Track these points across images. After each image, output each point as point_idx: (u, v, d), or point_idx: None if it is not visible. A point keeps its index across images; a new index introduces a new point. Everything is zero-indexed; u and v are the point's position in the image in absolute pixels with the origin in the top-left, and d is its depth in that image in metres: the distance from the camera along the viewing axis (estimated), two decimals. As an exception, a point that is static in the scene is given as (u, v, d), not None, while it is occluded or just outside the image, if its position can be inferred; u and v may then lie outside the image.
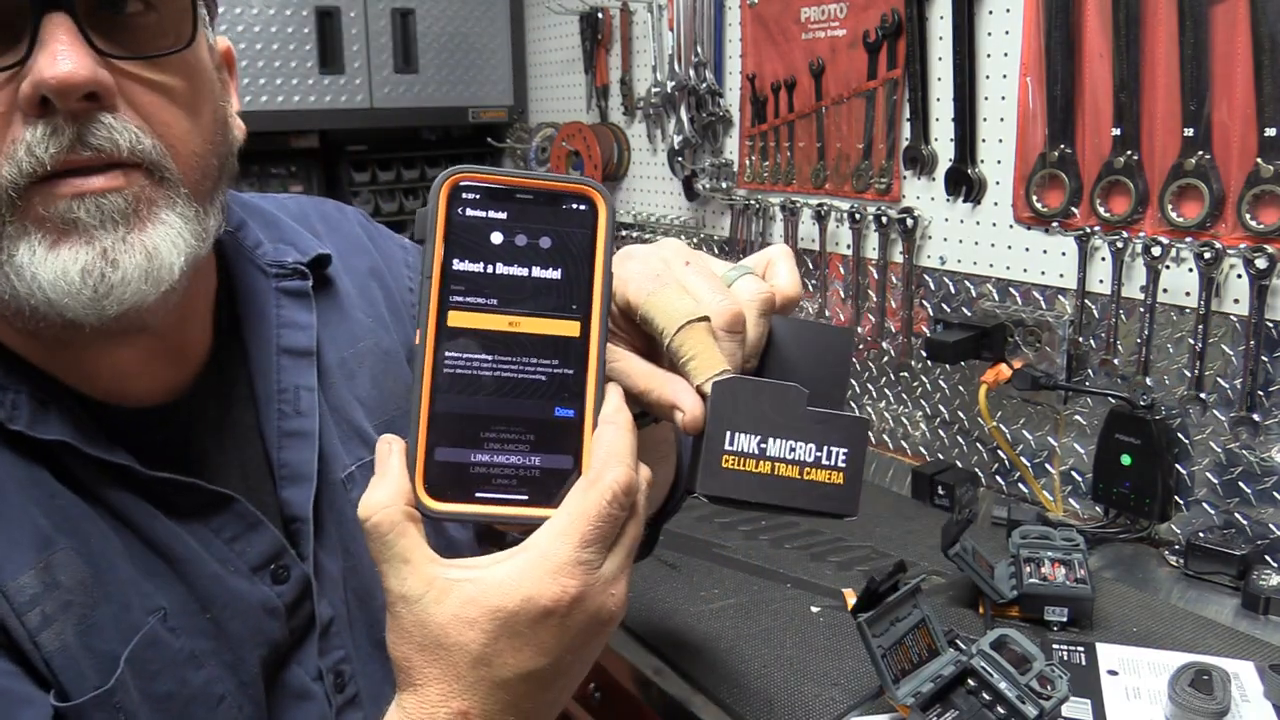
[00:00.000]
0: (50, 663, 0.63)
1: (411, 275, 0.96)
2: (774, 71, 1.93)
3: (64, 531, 0.65)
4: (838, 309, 1.90)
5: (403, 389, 0.90)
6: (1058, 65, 1.46)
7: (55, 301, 0.59)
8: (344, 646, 0.80)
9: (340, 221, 0.95)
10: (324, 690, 0.78)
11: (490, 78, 2.66)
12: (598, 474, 0.52)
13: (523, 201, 0.52)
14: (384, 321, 0.91)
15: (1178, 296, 1.39)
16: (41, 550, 0.64)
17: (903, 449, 1.81)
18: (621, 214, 2.43)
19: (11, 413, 0.64)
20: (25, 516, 0.64)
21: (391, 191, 2.65)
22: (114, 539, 0.67)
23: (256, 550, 0.74)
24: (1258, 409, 1.32)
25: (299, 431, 0.78)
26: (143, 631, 0.67)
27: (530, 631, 0.51)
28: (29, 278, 0.59)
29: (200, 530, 0.72)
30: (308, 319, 0.82)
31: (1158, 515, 1.40)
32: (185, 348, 0.76)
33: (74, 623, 0.64)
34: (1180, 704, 0.97)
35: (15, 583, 0.62)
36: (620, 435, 0.53)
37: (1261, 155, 1.26)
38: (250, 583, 0.74)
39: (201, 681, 0.70)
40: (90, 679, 0.64)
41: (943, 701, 0.95)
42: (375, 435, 0.86)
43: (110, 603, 0.66)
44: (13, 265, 0.59)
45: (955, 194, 1.65)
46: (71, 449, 0.65)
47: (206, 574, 0.71)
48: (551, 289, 0.52)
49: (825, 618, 1.24)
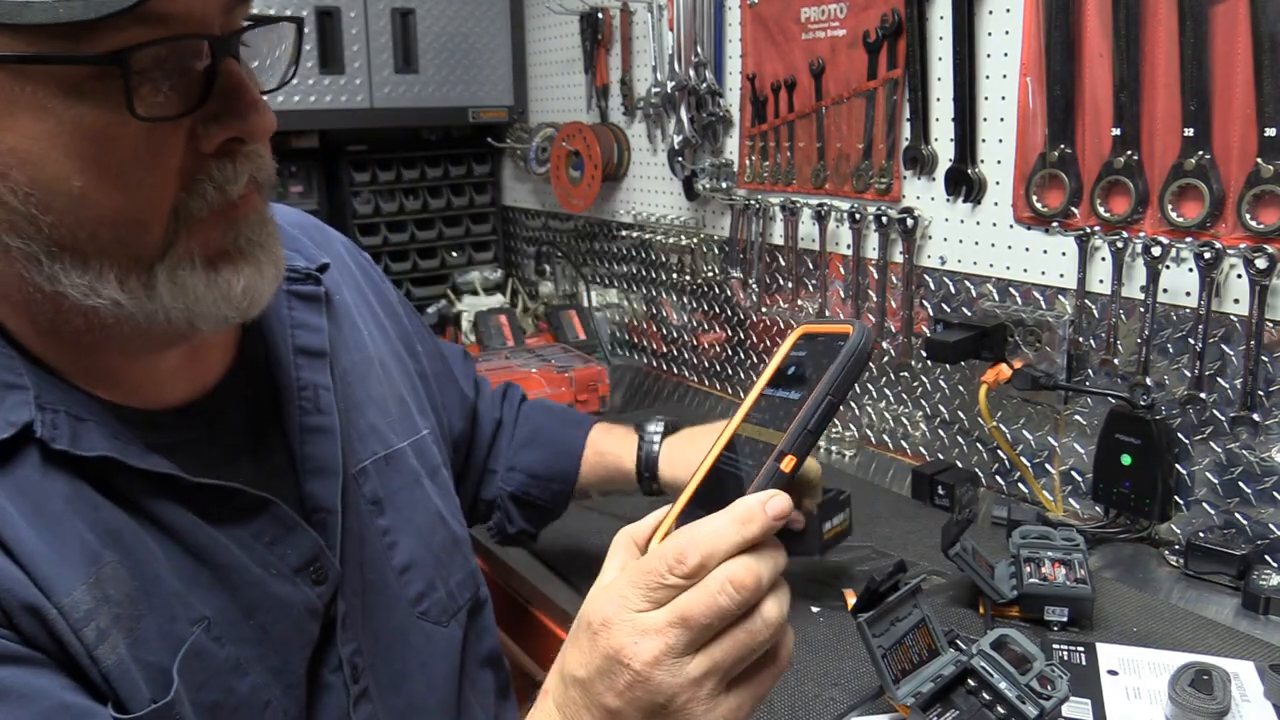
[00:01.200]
0: (108, 677, 0.64)
1: (396, 296, 1.06)
2: (774, 71, 1.93)
3: (109, 545, 0.66)
4: (838, 309, 1.90)
5: (396, 394, 0.95)
6: (1058, 65, 1.46)
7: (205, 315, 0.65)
8: (357, 638, 0.81)
9: (329, 239, 0.99)
10: (342, 681, 0.79)
11: (490, 78, 2.66)
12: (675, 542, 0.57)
13: (815, 340, 0.62)
14: (374, 334, 0.96)
15: (1178, 296, 1.39)
16: (91, 565, 0.65)
17: (903, 449, 1.81)
18: (621, 214, 2.43)
19: (54, 432, 0.65)
20: (73, 532, 0.65)
21: (391, 191, 2.65)
22: (156, 550, 0.68)
23: (297, 553, 0.76)
24: (1258, 409, 1.32)
25: (320, 428, 0.81)
26: (188, 643, 0.68)
27: (574, 636, 0.60)
28: (191, 297, 0.65)
29: (241, 535, 0.73)
30: (319, 321, 0.84)
31: (1158, 515, 1.40)
32: (213, 349, 0.78)
33: (124, 636, 0.65)
34: (1180, 704, 0.97)
35: (70, 599, 0.63)
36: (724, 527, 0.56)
37: (1261, 155, 1.26)
38: (293, 585, 0.75)
39: (247, 689, 0.71)
40: (144, 691, 0.65)
41: (943, 701, 0.95)
42: (388, 431, 0.90)
43: (156, 615, 0.67)
44: (172, 283, 0.64)
45: (955, 194, 1.65)
46: (114, 463, 0.66)
47: (249, 579, 0.72)
48: (790, 407, 0.59)
49: (825, 618, 1.24)
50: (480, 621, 0.98)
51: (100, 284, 0.63)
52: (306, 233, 0.94)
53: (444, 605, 0.91)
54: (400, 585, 0.87)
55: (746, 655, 0.56)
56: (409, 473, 0.91)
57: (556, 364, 2.13)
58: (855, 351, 0.57)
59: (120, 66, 0.57)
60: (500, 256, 2.89)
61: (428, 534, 0.90)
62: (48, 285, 0.63)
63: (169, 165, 0.62)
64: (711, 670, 0.55)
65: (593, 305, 2.53)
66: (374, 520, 0.85)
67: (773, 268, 2.02)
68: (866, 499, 1.62)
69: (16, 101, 0.58)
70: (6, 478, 0.64)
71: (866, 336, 0.57)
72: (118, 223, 0.62)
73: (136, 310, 0.64)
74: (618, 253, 2.49)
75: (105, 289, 0.63)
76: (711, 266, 2.18)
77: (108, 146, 0.60)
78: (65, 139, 0.59)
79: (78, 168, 0.60)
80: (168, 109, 0.61)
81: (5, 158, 0.59)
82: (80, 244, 0.62)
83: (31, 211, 0.60)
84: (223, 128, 0.63)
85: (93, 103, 0.59)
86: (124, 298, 0.64)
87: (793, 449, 0.57)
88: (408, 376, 0.99)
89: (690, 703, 0.55)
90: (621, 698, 0.56)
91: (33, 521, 0.63)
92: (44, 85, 0.58)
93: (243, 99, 0.63)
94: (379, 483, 0.87)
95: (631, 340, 2.50)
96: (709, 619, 0.54)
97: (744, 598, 0.55)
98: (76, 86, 0.58)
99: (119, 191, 0.61)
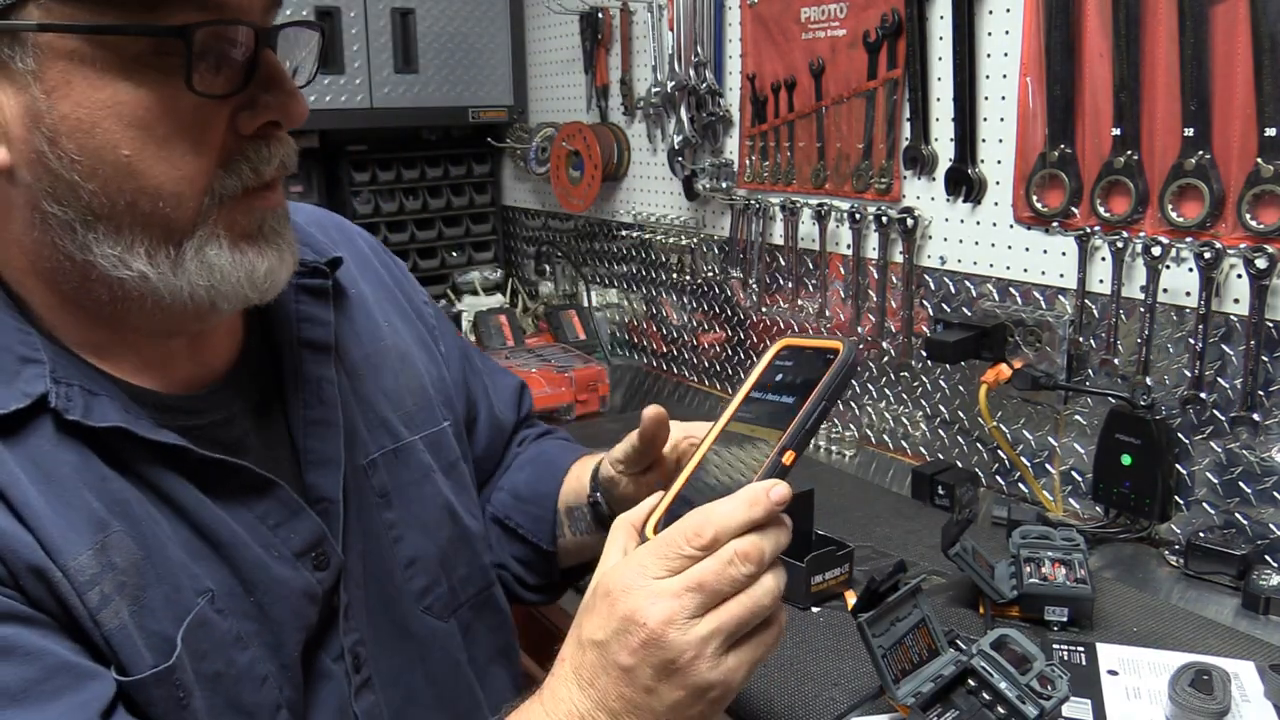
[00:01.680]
0: (110, 640, 0.66)
1: (423, 294, 1.07)
2: (774, 71, 1.93)
3: (116, 514, 0.68)
4: (838, 309, 1.90)
5: (417, 385, 0.95)
6: (1058, 65, 1.46)
7: (228, 293, 0.69)
8: (360, 629, 0.82)
9: (350, 235, 1.01)
10: (344, 670, 0.80)
11: (490, 78, 2.66)
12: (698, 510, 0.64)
13: (801, 352, 0.70)
14: (396, 326, 0.96)
15: (1178, 296, 1.39)
16: (98, 532, 0.67)
17: (903, 449, 1.81)
18: (622, 214, 2.43)
19: (67, 404, 0.68)
20: (80, 500, 0.67)
21: (391, 191, 2.65)
22: (163, 522, 0.70)
23: (300, 537, 0.77)
24: (1258, 409, 1.32)
25: (323, 420, 0.82)
26: (194, 612, 0.70)
27: (590, 605, 0.66)
28: (217, 275, 0.68)
29: (245, 515, 0.75)
30: (326, 315, 0.85)
31: (1158, 515, 1.40)
32: (222, 337, 0.80)
33: (129, 603, 0.67)
34: (1180, 704, 0.97)
35: (75, 562, 0.65)
36: (735, 508, 0.63)
37: (1261, 155, 1.26)
38: (294, 569, 0.76)
39: (247, 662, 0.73)
40: (146, 657, 0.67)
41: (943, 701, 0.95)
42: (399, 425, 0.91)
43: (162, 584, 0.69)
44: (200, 259, 0.68)
45: (955, 194, 1.65)
46: (124, 433, 0.69)
47: (251, 559, 0.74)
48: (783, 411, 0.67)
49: (825, 618, 1.24)
50: (491, 616, 0.98)
51: (130, 256, 0.66)
52: (324, 229, 0.95)
53: (446, 601, 0.91)
54: (405, 579, 0.87)
55: (749, 620, 0.63)
56: (419, 467, 0.91)
57: (556, 364, 2.13)
58: (847, 365, 0.66)
59: (184, 40, 0.62)
60: (500, 256, 2.89)
61: (435, 529, 0.91)
62: (79, 254, 0.66)
63: (212, 142, 0.66)
64: (717, 630, 0.62)
65: (593, 305, 2.53)
66: (381, 513, 0.86)
67: (773, 268, 2.02)
68: (866, 499, 1.62)
69: (75, 70, 0.62)
70: (20, 446, 0.66)
71: (855, 352, 0.67)
72: (159, 194, 0.65)
73: (162, 284, 0.67)
74: (618, 253, 2.49)
75: (135, 261, 0.66)
76: (711, 266, 2.18)
77: (160, 119, 0.64)
78: (120, 109, 0.63)
79: (129, 137, 0.63)
80: (217, 87, 0.65)
81: (58, 124, 0.62)
82: (118, 214, 0.65)
83: (74, 179, 0.63)
84: (263, 110, 0.67)
85: (151, 76, 0.63)
86: (151, 271, 0.67)
87: (794, 445, 0.65)
88: (435, 366, 0.99)
89: (696, 659, 0.61)
90: (635, 655, 0.62)
91: (43, 489, 0.65)
92: (106, 55, 0.61)
93: (282, 86, 0.68)
94: (387, 476, 0.88)
95: (631, 340, 2.50)
96: (720, 585, 0.62)
97: (751, 569, 0.62)
98: (137, 58, 0.62)
99: (165, 163, 0.64)
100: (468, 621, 0.94)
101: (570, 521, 1.02)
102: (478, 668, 0.95)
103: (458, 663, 0.91)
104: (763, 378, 0.72)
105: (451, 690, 0.90)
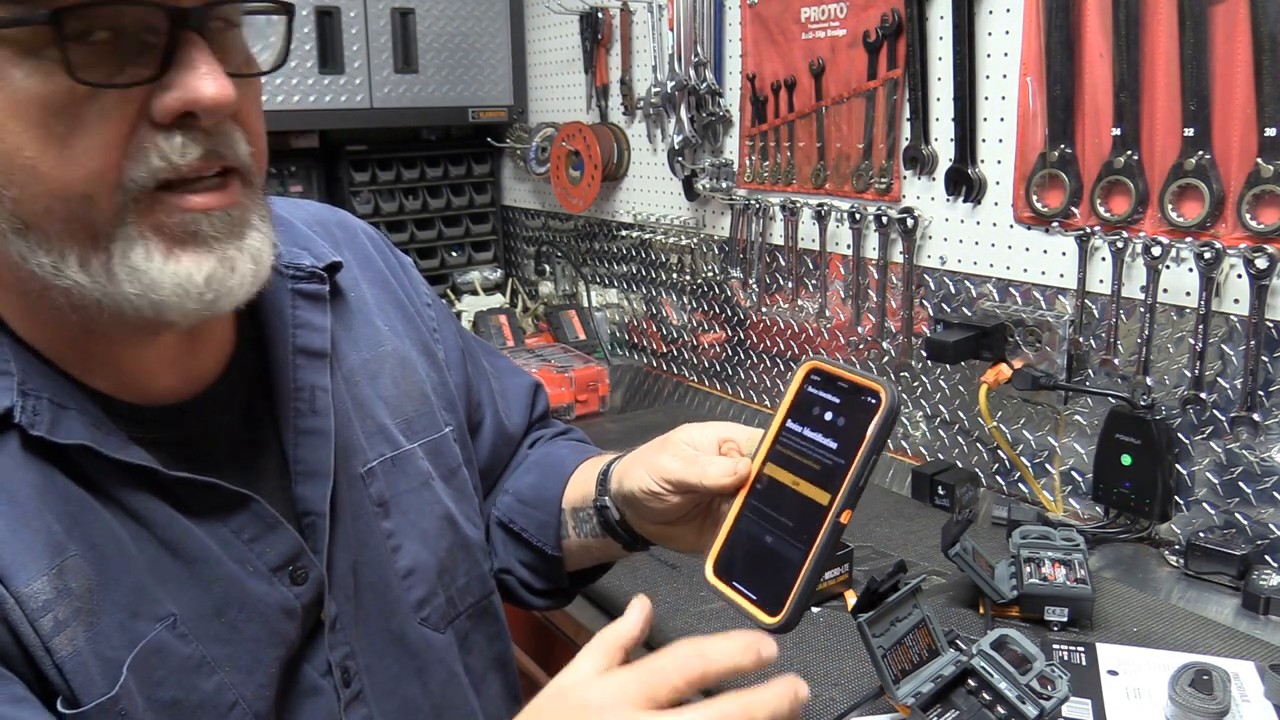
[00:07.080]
0: (62, 668, 0.64)
1: (427, 294, 1.03)
2: (774, 71, 1.93)
3: (75, 538, 0.66)
4: (838, 309, 1.90)
5: (418, 390, 0.92)
6: (1058, 65, 1.46)
7: (167, 303, 0.63)
8: (349, 642, 0.80)
9: (354, 234, 0.97)
10: (333, 685, 0.78)
11: (490, 78, 2.66)
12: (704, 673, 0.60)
13: (835, 383, 0.69)
14: (398, 330, 0.94)
15: (1178, 296, 1.39)
16: (55, 556, 0.64)
17: (903, 449, 1.82)
18: (621, 214, 2.43)
19: (33, 418, 0.65)
20: (40, 522, 0.64)
21: (391, 191, 2.65)
22: (128, 543, 0.68)
23: (276, 551, 0.75)
24: (1258, 409, 1.32)
25: (315, 430, 0.79)
26: (147, 639, 0.67)
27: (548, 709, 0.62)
28: (146, 282, 0.63)
29: (219, 530, 0.72)
30: (322, 321, 0.83)
31: (1158, 515, 1.40)
32: (208, 344, 0.77)
33: (84, 629, 0.65)
34: (1180, 704, 0.97)
35: (29, 589, 0.63)
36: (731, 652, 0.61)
37: (1261, 155, 1.26)
38: (269, 584, 0.74)
39: (212, 689, 0.70)
40: (98, 685, 0.65)
41: (943, 702, 0.95)
42: (397, 433, 0.88)
43: (116, 610, 0.66)
44: (127, 265, 0.62)
45: (955, 194, 1.65)
46: (91, 452, 0.66)
47: (224, 575, 0.72)
48: (827, 462, 0.68)
49: (825, 618, 1.24)
50: (489, 625, 0.97)
51: (63, 264, 0.62)
52: (326, 229, 0.92)
53: (444, 611, 0.90)
54: (403, 589, 0.85)
55: None
56: (417, 475, 0.89)
57: (556, 364, 2.13)
58: (891, 413, 0.65)
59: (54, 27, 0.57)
60: (500, 256, 2.89)
61: (434, 538, 0.89)
62: (23, 264, 0.62)
63: (114, 133, 0.61)
64: None
65: (593, 305, 2.53)
66: (378, 523, 0.84)
67: (773, 268, 2.02)
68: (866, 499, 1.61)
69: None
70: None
71: (897, 399, 0.66)
72: (66, 196, 0.61)
73: (99, 294, 0.63)
74: (618, 253, 2.49)
75: (69, 270, 0.62)
76: (711, 266, 2.18)
77: (57, 114, 0.59)
78: (18, 108, 0.58)
79: (30, 138, 0.59)
80: (114, 77, 0.60)
81: None
82: (39, 220, 0.61)
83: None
84: (172, 99, 0.61)
85: (45, 69, 0.58)
86: (86, 280, 0.62)
87: (850, 504, 0.67)
88: (436, 371, 0.97)
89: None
90: None
91: (2, 510, 0.63)
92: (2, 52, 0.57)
93: (196, 71, 0.61)
94: (386, 485, 0.86)
95: (631, 340, 2.50)
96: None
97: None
98: (33, 51, 0.58)
99: (69, 162, 0.60)
100: (465, 631, 0.92)
101: (575, 522, 0.98)
102: (474, 677, 0.93)
103: (454, 673, 0.90)
104: (796, 407, 0.71)
105: (447, 700, 0.89)
